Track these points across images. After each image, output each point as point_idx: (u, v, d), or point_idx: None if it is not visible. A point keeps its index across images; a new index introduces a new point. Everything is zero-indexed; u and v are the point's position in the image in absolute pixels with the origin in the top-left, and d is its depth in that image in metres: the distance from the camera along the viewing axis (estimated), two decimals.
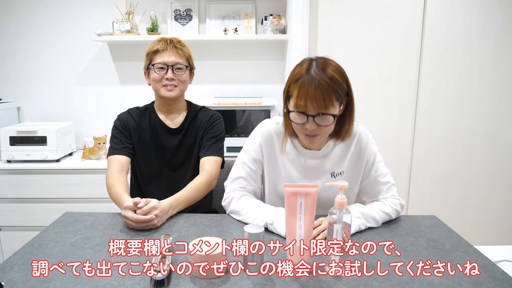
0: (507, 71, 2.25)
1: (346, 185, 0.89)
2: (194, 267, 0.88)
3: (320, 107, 1.05)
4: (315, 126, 1.07)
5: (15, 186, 2.21)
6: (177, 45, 1.45)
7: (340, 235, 0.88)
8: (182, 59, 1.45)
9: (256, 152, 1.26)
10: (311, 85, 1.03)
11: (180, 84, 1.44)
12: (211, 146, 1.48)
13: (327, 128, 1.10)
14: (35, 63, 2.58)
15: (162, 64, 1.41)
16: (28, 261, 0.95)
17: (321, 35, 2.23)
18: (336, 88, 1.06)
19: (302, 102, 1.05)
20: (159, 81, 1.43)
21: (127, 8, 2.47)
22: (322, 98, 1.04)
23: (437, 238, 1.10)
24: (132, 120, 1.49)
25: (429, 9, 2.18)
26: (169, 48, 1.42)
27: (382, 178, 1.24)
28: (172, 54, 1.42)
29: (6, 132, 2.23)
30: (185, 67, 1.45)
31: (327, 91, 1.04)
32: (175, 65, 1.42)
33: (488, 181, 2.37)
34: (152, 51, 1.43)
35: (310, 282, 0.87)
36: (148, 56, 1.46)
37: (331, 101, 1.05)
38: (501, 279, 0.88)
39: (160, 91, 1.44)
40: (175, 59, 1.42)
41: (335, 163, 1.24)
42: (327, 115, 1.06)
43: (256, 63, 2.61)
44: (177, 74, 1.43)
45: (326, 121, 1.08)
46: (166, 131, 1.50)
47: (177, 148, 1.50)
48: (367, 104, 2.30)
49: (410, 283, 0.86)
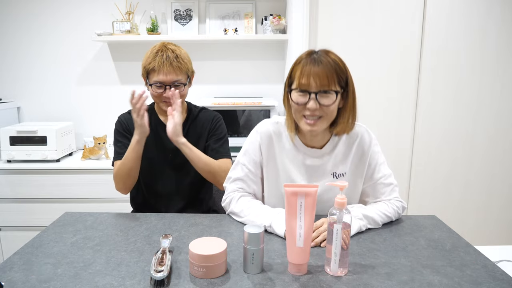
0: (508, 70, 2.25)
1: (346, 185, 0.89)
2: (194, 267, 0.88)
3: (322, 84, 1.05)
4: (317, 105, 1.06)
5: (15, 186, 2.21)
6: (173, 63, 1.35)
7: (340, 235, 0.88)
8: (180, 75, 1.38)
9: (255, 153, 1.25)
10: (314, 63, 1.06)
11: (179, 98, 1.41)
12: (219, 149, 1.47)
13: (329, 109, 1.08)
14: (35, 63, 2.58)
15: (159, 83, 1.37)
16: (28, 261, 0.95)
17: (321, 35, 2.23)
18: (338, 70, 1.07)
19: (304, 80, 1.06)
20: (158, 97, 1.40)
21: (127, 8, 2.47)
22: (324, 75, 1.05)
23: (437, 238, 1.10)
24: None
25: (429, 9, 2.18)
26: (166, 66, 1.34)
27: (385, 179, 1.23)
28: (169, 72, 1.35)
29: (6, 132, 2.23)
30: (183, 84, 1.40)
31: (329, 70, 1.05)
32: (174, 83, 1.37)
33: (488, 181, 2.37)
34: (149, 69, 1.37)
35: (310, 282, 0.87)
36: (144, 69, 1.40)
37: (333, 80, 1.06)
38: (501, 279, 0.88)
39: (160, 105, 1.44)
40: (173, 77, 1.36)
41: (336, 163, 1.22)
42: (329, 92, 1.06)
43: (256, 63, 2.61)
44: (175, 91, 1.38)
45: (328, 99, 1.07)
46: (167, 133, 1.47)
47: (179, 150, 1.44)
48: (367, 104, 2.29)
49: (410, 283, 0.86)
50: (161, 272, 0.84)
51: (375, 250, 1.01)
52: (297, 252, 0.89)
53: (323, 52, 1.09)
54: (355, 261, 0.95)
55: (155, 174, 1.49)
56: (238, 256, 0.97)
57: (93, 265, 0.93)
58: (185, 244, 1.04)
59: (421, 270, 0.92)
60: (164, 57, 1.35)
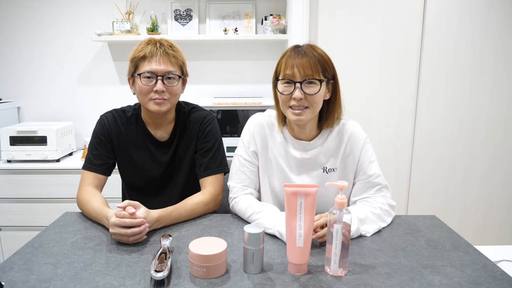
0: (508, 70, 2.25)
1: (346, 184, 0.90)
2: (194, 267, 0.88)
3: (306, 74, 1.08)
4: (302, 94, 1.09)
5: (15, 186, 2.21)
6: (168, 50, 1.22)
7: (340, 235, 0.88)
8: (175, 67, 1.23)
9: (249, 143, 1.26)
10: (298, 55, 1.09)
11: (171, 97, 1.24)
12: (209, 164, 1.31)
13: (314, 98, 1.10)
14: (35, 63, 2.58)
15: (150, 73, 1.20)
16: (28, 261, 0.95)
17: (321, 35, 2.23)
18: (322, 62, 1.10)
19: (289, 71, 1.09)
20: (146, 93, 1.21)
21: (127, 8, 2.47)
22: (308, 66, 1.08)
23: (437, 238, 1.10)
24: (117, 128, 1.32)
25: (429, 9, 2.18)
26: (159, 53, 1.20)
27: (374, 178, 1.21)
28: (162, 61, 1.20)
29: (6, 132, 2.23)
30: (177, 77, 1.24)
31: (313, 61, 1.09)
32: (166, 74, 1.21)
33: (488, 181, 2.37)
34: (139, 57, 1.21)
35: (310, 282, 0.87)
36: (133, 62, 1.23)
37: (317, 70, 1.09)
38: (501, 279, 0.88)
39: (148, 105, 1.23)
40: (166, 68, 1.21)
41: (327, 158, 1.22)
42: (313, 81, 1.09)
43: (256, 63, 2.61)
44: (168, 85, 1.22)
45: (313, 89, 1.10)
46: (156, 145, 1.33)
47: (170, 163, 1.34)
48: (367, 104, 2.30)
49: (410, 283, 0.86)
50: (161, 272, 0.84)
51: (375, 250, 1.01)
52: (297, 252, 0.89)
53: (307, 46, 1.13)
54: (355, 261, 0.95)
55: (146, 188, 1.37)
56: (238, 256, 0.97)
57: (93, 265, 0.93)
58: (185, 244, 1.04)
59: (421, 270, 0.91)
60: (158, 45, 1.22)
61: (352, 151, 1.22)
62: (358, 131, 1.23)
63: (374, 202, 1.18)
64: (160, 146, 1.34)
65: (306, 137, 1.22)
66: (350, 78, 2.25)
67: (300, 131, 1.21)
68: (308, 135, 1.21)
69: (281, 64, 1.12)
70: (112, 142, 1.32)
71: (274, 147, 1.24)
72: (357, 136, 1.22)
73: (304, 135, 1.21)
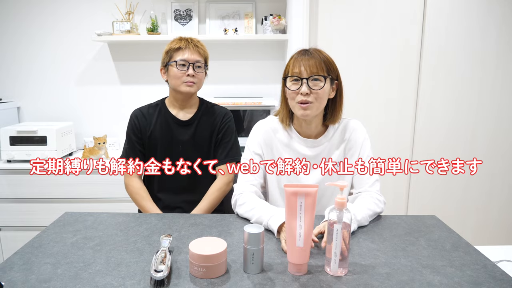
0: (508, 70, 2.25)
1: (347, 184, 0.90)
2: (194, 267, 0.88)
3: (312, 71, 1.18)
4: (308, 89, 1.18)
5: (15, 186, 2.21)
6: (198, 44, 1.52)
7: (340, 235, 0.88)
8: (202, 57, 1.52)
9: (255, 148, 1.33)
10: (305, 56, 1.20)
11: (198, 81, 1.52)
12: (229, 153, 1.57)
13: (319, 94, 1.18)
14: (35, 63, 2.58)
15: (184, 61, 1.47)
16: (28, 261, 0.95)
17: (321, 35, 2.23)
18: (327, 63, 1.21)
19: (297, 69, 1.20)
20: (179, 77, 1.48)
21: (127, 8, 2.47)
22: (314, 64, 1.18)
23: (437, 238, 1.10)
24: (143, 119, 1.56)
25: (429, 9, 2.18)
26: (190, 46, 1.49)
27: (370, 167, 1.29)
28: (193, 52, 1.49)
29: (6, 132, 2.23)
30: (203, 66, 1.53)
31: (319, 61, 1.19)
32: (196, 63, 1.49)
33: (488, 181, 2.37)
34: (174, 49, 1.49)
35: (310, 282, 0.87)
36: (168, 54, 1.51)
37: (322, 69, 1.19)
38: (501, 279, 0.88)
39: (181, 87, 1.50)
40: (196, 57, 1.49)
41: (331, 153, 1.30)
42: (318, 78, 1.18)
43: (256, 63, 2.61)
44: (197, 71, 1.50)
45: (318, 85, 1.18)
46: (177, 125, 1.55)
47: (190, 142, 1.55)
48: (367, 104, 2.30)
49: (410, 283, 0.86)
50: (161, 272, 0.84)
51: (375, 250, 1.01)
52: (297, 252, 0.89)
53: (314, 49, 1.24)
54: (355, 261, 0.95)
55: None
56: (238, 256, 0.97)
57: (93, 265, 0.93)
58: (185, 244, 1.04)
59: (421, 270, 0.92)
60: (189, 40, 1.53)
61: (353, 146, 1.31)
62: (360, 129, 1.33)
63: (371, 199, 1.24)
64: (181, 125, 1.56)
65: (312, 133, 1.30)
66: (350, 78, 2.25)
67: (307, 127, 1.29)
68: (314, 131, 1.30)
69: (290, 65, 1.23)
70: (142, 133, 1.56)
71: (281, 147, 1.32)
72: (359, 134, 1.32)
73: (310, 131, 1.29)
